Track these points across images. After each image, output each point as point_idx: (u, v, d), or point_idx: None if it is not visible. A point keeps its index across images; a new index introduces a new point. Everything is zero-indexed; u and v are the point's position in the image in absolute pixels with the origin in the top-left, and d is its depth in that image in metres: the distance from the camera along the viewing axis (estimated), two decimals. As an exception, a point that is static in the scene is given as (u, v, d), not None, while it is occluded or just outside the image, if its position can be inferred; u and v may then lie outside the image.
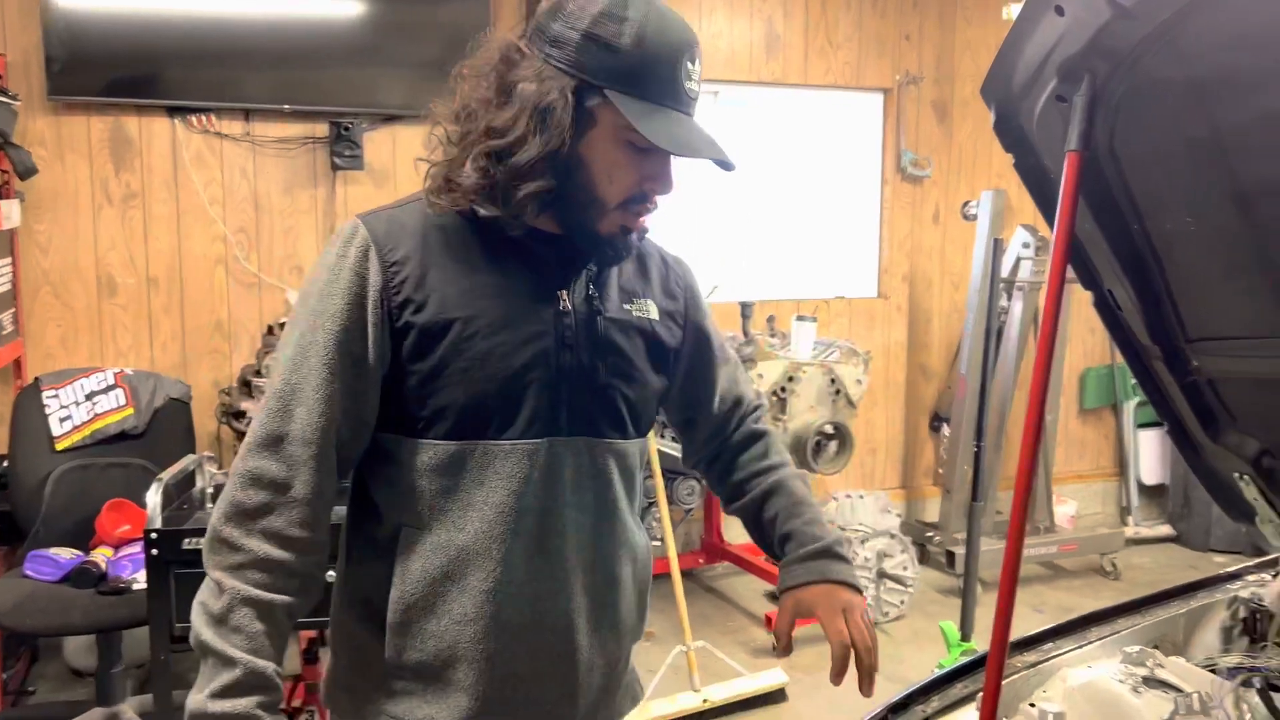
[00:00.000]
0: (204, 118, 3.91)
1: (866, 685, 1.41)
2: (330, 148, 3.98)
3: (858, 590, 1.46)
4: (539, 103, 1.17)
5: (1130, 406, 5.77)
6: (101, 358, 3.85)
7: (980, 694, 1.71)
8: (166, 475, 2.57)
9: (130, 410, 3.34)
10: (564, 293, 1.28)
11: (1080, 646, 1.87)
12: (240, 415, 3.34)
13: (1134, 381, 5.87)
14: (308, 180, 4.08)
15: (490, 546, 1.23)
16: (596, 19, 1.17)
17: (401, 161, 4.20)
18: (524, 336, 1.24)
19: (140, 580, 2.95)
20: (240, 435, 3.37)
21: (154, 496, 2.47)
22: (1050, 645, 1.88)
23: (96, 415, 3.30)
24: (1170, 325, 1.71)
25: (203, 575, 2.48)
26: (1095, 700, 1.66)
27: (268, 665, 1.14)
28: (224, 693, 1.11)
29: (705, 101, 4.74)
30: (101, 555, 2.97)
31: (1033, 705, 1.67)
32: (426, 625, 1.24)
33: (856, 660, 1.43)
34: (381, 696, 1.26)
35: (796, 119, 5.02)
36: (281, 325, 3.64)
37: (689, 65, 1.22)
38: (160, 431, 3.34)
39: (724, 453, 1.56)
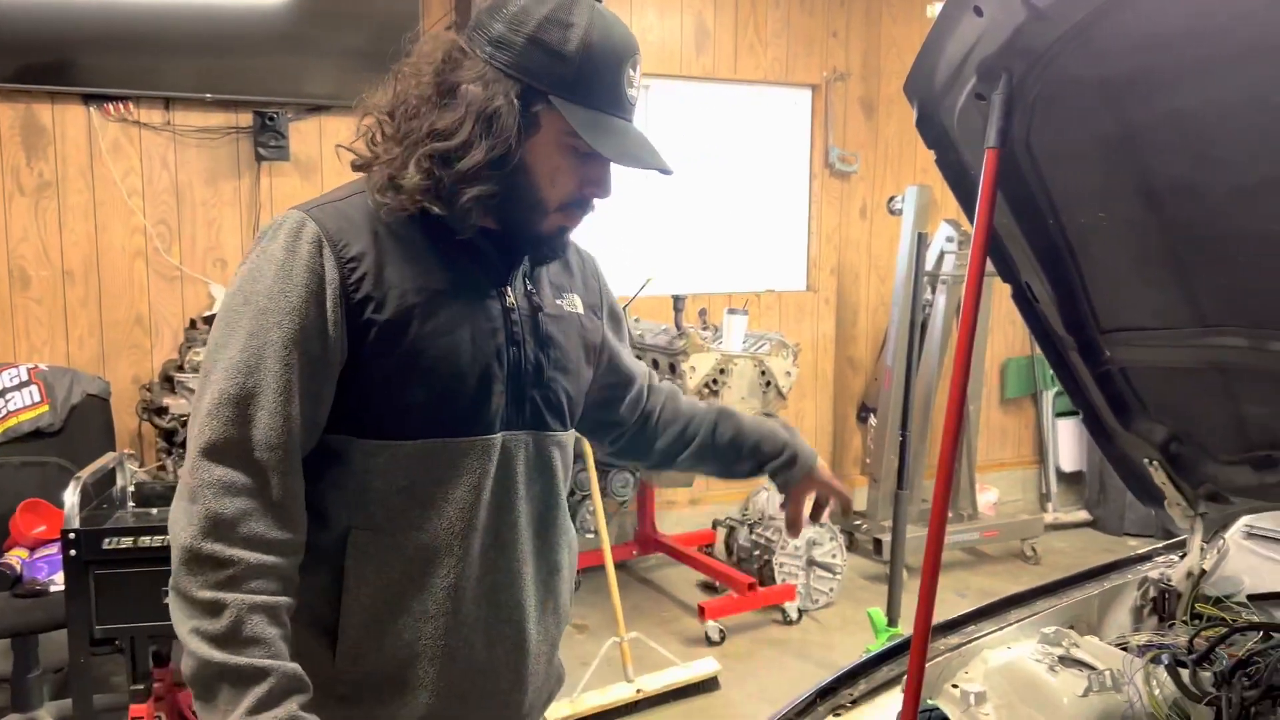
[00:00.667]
0: (121, 105, 3.80)
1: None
2: (255, 138, 3.89)
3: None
4: (484, 108, 1.16)
5: (1049, 396, 5.95)
6: (14, 353, 3.72)
7: (905, 676, 1.77)
8: (85, 474, 2.50)
9: (45, 407, 3.23)
10: (507, 289, 1.29)
11: (1000, 629, 1.93)
12: (162, 411, 3.26)
13: (1052, 372, 6.05)
14: (231, 171, 3.99)
15: (452, 543, 1.23)
16: (542, 24, 1.17)
17: (328, 153, 4.13)
18: (480, 333, 1.24)
19: (58, 582, 2.87)
20: (163, 432, 3.29)
21: (72, 496, 2.40)
22: (972, 628, 1.93)
23: (9, 413, 3.20)
24: (1084, 317, 1.78)
25: (125, 575, 2.41)
26: (1014, 679, 1.72)
27: (296, 666, 1.09)
28: (259, 707, 1.04)
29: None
30: (16, 557, 2.88)
31: (955, 686, 1.72)
32: (386, 626, 1.22)
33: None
34: (331, 703, 1.21)
35: (727, 114, 5.06)
36: (206, 319, 3.56)
37: (631, 72, 1.23)
38: (77, 429, 3.24)
39: (646, 425, 1.61)
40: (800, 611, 4.16)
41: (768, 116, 5.15)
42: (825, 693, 1.79)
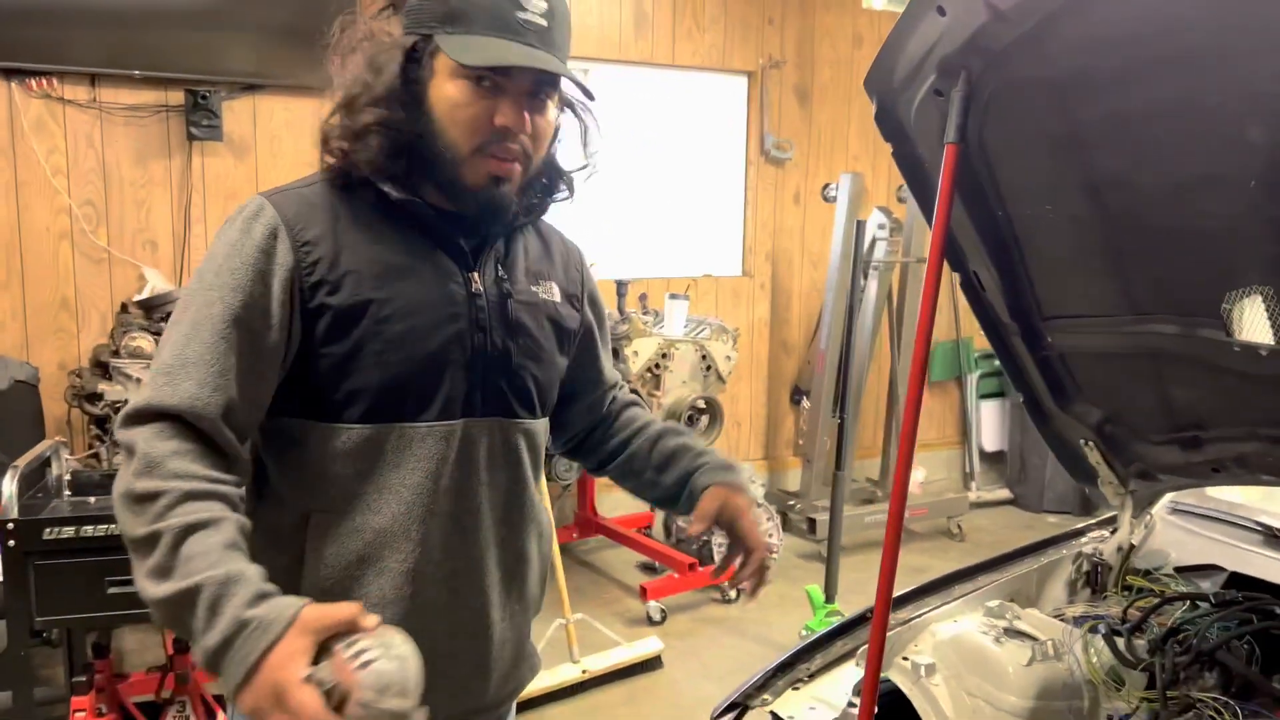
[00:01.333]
0: (45, 81, 3.66)
1: (755, 593, 1.51)
2: (186, 117, 3.79)
3: None
4: (373, 55, 1.22)
5: (973, 379, 6.14)
6: (-68, 338, 3.59)
7: (861, 649, 1.84)
8: (21, 463, 2.43)
9: (-31, 394, 3.13)
10: (475, 275, 1.29)
11: (946, 603, 2.01)
12: (95, 398, 3.18)
13: (976, 355, 6.25)
14: (161, 150, 3.88)
15: (409, 527, 1.23)
16: None
17: (263, 132, 4.05)
18: (439, 318, 1.25)
19: (-11, 573, 2.80)
20: (95, 419, 3.21)
21: (9, 485, 2.34)
22: (919, 603, 2.02)
23: (-69, 400, 3.08)
24: (1028, 304, 1.86)
25: (65, 565, 2.36)
26: (962, 651, 1.80)
27: (233, 568, 1.03)
28: (205, 627, 1.00)
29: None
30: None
31: (906, 659, 1.79)
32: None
33: (759, 569, 1.51)
34: None
35: (665, 99, 5.09)
36: (139, 304, 3.47)
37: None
38: (6, 417, 3.14)
39: (600, 425, 1.60)
40: (738, 590, 4.24)
41: (705, 103, 5.20)
42: (783, 667, 1.86)
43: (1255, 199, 1.40)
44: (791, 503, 5.11)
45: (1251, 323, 1.58)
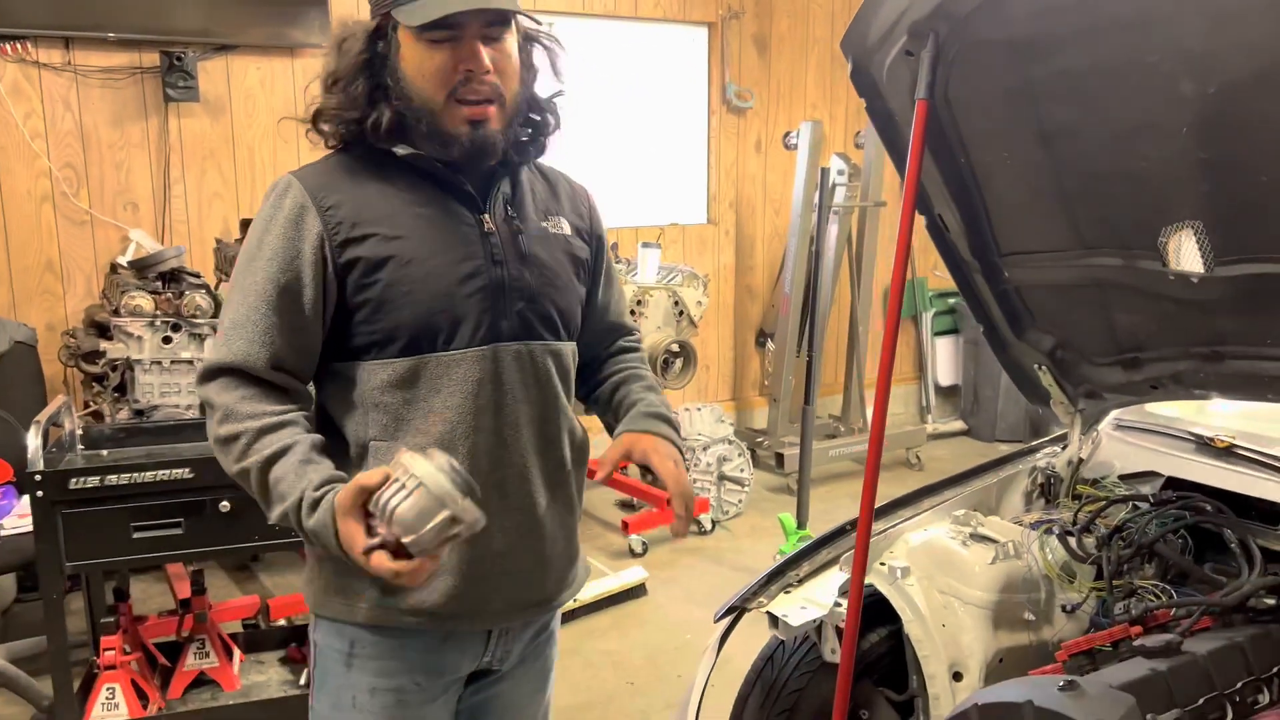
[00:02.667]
0: (18, 45, 3.69)
1: (683, 526, 1.51)
2: (163, 78, 3.84)
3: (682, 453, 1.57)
4: (340, 38, 1.42)
5: (928, 317, 6.38)
6: (-82, 303, 3.64)
7: (844, 555, 2.05)
8: (43, 418, 2.55)
9: (-31, 356, 3.21)
10: (485, 216, 1.44)
11: (916, 514, 2.23)
12: (92, 356, 3.27)
13: (931, 294, 6.49)
14: (138, 112, 3.93)
15: (456, 443, 1.39)
16: None
17: (237, 92, 4.10)
18: (457, 257, 1.41)
19: (5, 526, 2.91)
20: (92, 377, 3.31)
21: (34, 440, 2.46)
22: (892, 516, 2.22)
23: (-69, 363, 3.16)
24: (987, 243, 2.05)
25: (92, 513, 2.53)
26: (933, 555, 2.01)
27: (297, 492, 1.27)
28: (304, 536, 1.28)
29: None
30: (-42, 505, 2.90)
31: (883, 564, 2.00)
32: None
33: (682, 506, 1.52)
34: (374, 591, 1.39)
35: (628, 52, 5.19)
36: (131, 264, 3.55)
37: None
38: (7, 377, 3.22)
39: (595, 359, 1.70)
40: (713, 522, 4.47)
41: (667, 54, 5.31)
42: (775, 575, 2.06)
43: (1186, 144, 1.59)
44: (760, 440, 5.33)
45: (1184, 253, 1.79)
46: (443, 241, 1.40)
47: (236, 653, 3.01)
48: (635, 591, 3.78)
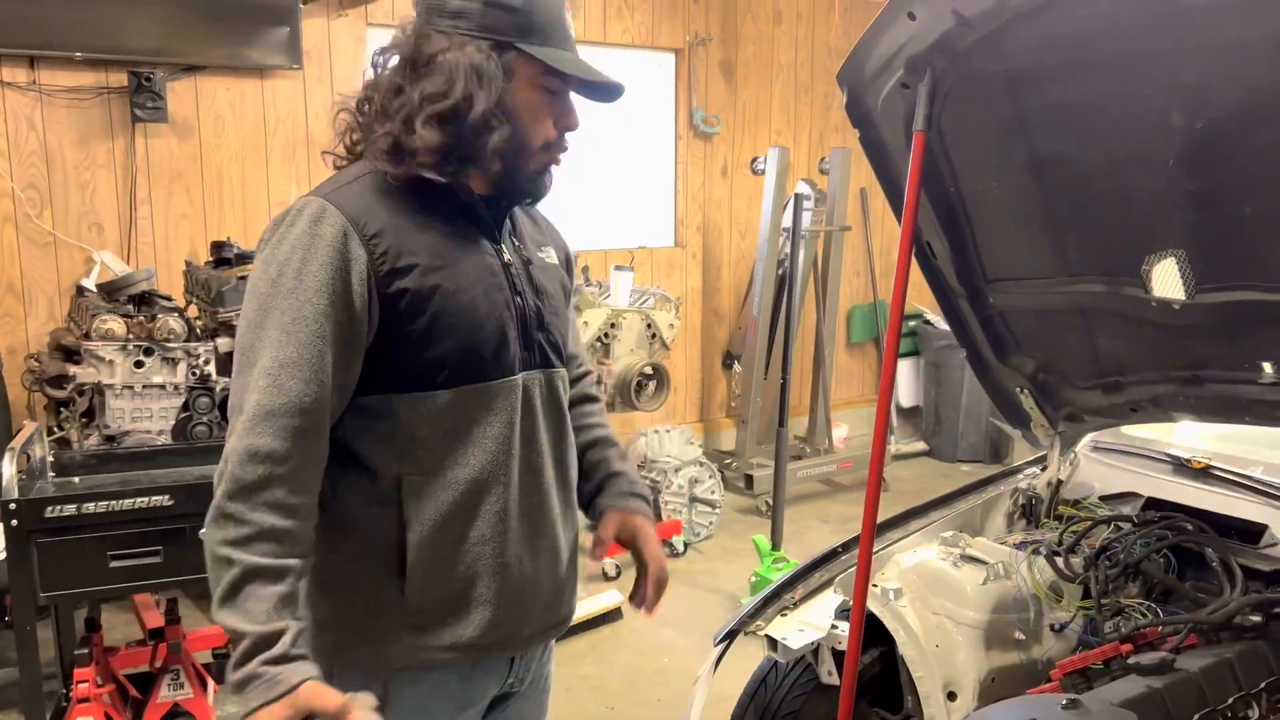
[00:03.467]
0: (-19, 64, 3.62)
1: (654, 606, 1.66)
2: (130, 98, 3.79)
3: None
4: (470, 63, 1.30)
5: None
6: (-127, 326, 3.53)
7: (838, 577, 2.07)
8: (16, 444, 2.49)
9: (-72, 381, 3.11)
10: (502, 247, 1.44)
11: (905, 536, 2.26)
12: (58, 381, 3.20)
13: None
14: (104, 132, 3.87)
15: (496, 473, 1.38)
16: None
17: (205, 113, 4.06)
18: (489, 287, 1.39)
19: (-29, 556, 2.83)
20: (58, 403, 3.24)
21: (9, 466, 2.39)
22: (881, 538, 2.25)
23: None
24: (974, 269, 2.10)
25: (68, 541, 2.46)
26: (925, 576, 2.04)
27: (276, 624, 1.19)
28: (238, 664, 1.18)
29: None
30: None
31: (875, 585, 2.03)
32: (448, 555, 1.36)
33: (657, 583, 1.65)
34: (404, 633, 1.36)
35: (596, 76, 5.22)
36: (101, 286, 3.48)
37: (568, 13, 1.40)
38: (-29, 401, 3.14)
39: None
40: (685, 544, 4.48)
41: (635, 79, 5.35)
42: (770, 599, 2.08)
43: (1174, 175, 1.65)
44: (728, 461, 5.36)
45: (1167, 281, 1.85)
46: (476, 271, 1.39)
47: (210, 683, 2.95)
48: (611, 615, 3.77)
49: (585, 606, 3.69)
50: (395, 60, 1.36)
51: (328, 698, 1.16)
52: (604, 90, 1.40)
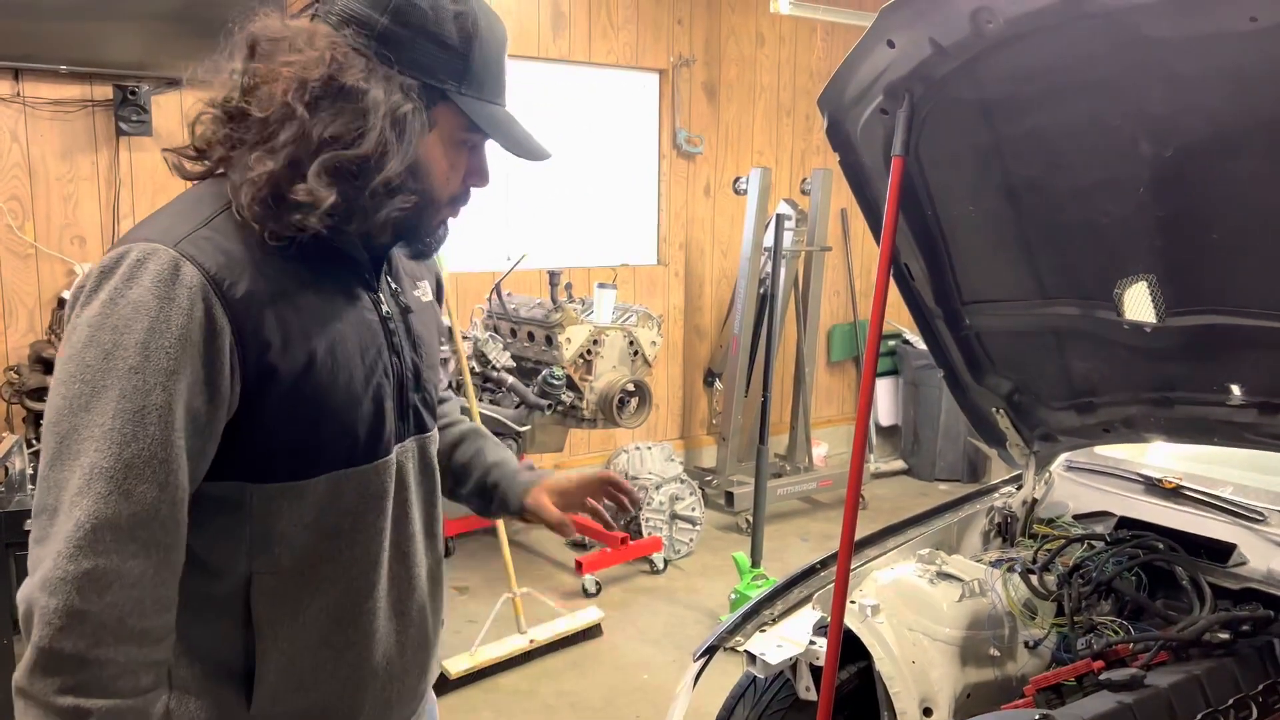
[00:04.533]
0: (-35, 76, 3.62)
1: (634, 504, 1.53)
2: (115, 112, 3.79)
3: None
4: (394, 110, 1.07)
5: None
6: None
7: (816, 594, 2.10)
8: (-3, 456, 2.48)
9: (-94, 392, 3.10)
10: (381, 295, 1.22)
11: (883, 554, 2.29)
12: (38, 393, 3.19)
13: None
14: (88, 145, 3.87)
15: (366, 569, 1.19)
16: (430, 16, 1.09)
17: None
18: (370, 357, 1.18)
19: (-52, 569, 2.81)
20: (39, 416, 3.23)
21: (-12, 479, 2.39)
22: (859, 555, 2.28)
23: None
24: (950, 291, 2.14)
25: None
26: (902, 592, 2.07)
27: None
28: None
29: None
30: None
31: (853, 602, 2.05)
32: (306, 665, 1.17)
33: (619, 487, 1.51)
34: None
35: (582, 96, 5.27)
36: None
37: (506, 59, 1.19)
38: (-51, 414, 3.12)
39: None
40: (665, 561, 4.49)
41: (619, 99, 5.40)
42: (750, 614, 2.10)
43: (1144, 201, 1.70)
44: (709, 478, 5.38)
45: (1138, 304, 1.89)
46: (356, 338, 1.16)
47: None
48: (591, 632, 3.78)
49: (564, 623, 3.71)
50: (295, 77, 1.06)
51: None
52: (532, 156, 1.19)
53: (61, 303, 3.63)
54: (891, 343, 6.36)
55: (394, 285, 1.26)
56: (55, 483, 0.99)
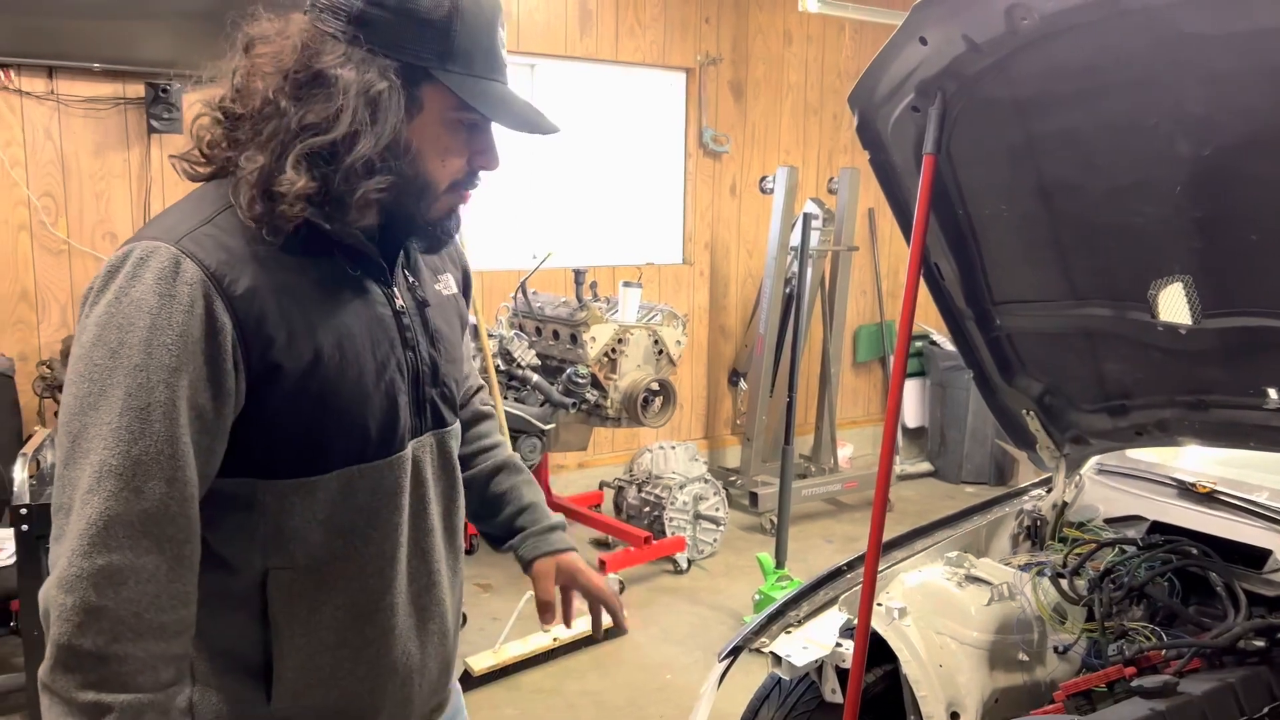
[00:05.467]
0: (1, 73, 3.66)
1: (623, 621, 1.55)
2: (147, 109, 3.83)
3: None
4: (365, 90, 1.06)
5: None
6: (-113, 331, 3.57)
7: (843, 596, 2.08)
8: (30, 450, 2.51)
9: (-58, 386, 3.15)
10: (395, 290, 1.21)
11: (910, 556, 2.27)
12: (70, 388, 3.22)
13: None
14: (119, 142, 3.91)
15: (382, 565, 1.19)
16: None
17: (220, 125, 4.10)
18: (382, 352, 1.17)
19: (-18, 561, 2.85)
20: (70, 409, 3.26)
21: (20, 472, 2.42)
22: (886, 558, 2.26)
23: (-98, 392, 3.09)
24: (981, 291, 2.12)
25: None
26: (929, 596, 2.05)
27: None
28: None
29: (523, 74, 4.88)
30: (-70, 538, 2.83)
31: (880, 604, 2.04)
32: (325, 661, 1.17)
33: (609, 608, 1.52)
34: None
35: (609, 94, 5.27)
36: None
37: (501, 32, 1.15)
38: (-17, 407, 3.17)
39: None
40: (689, 561, 4.48)
41: (646, 97, 5.40)
42: (776, 615, 2.09)
43: (1180, 202, 1.67)
44: (733, 478, 5.36)
45: (1173, 306, 1.86)
46: (368, 333, 1.16)
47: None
48: (613, 631, 3.77)
49: (587, 622, 3.69)
50: (273, 68, 1.08)
51: None
52: (536, 130, 1.17)
53: (93, 298, 3.67)
54: (918, 343, 6.32)
55: (410, 279, 1.25)
56: (69, 481, 1.01)
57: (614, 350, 4.06)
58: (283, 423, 1.10)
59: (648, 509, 4.58)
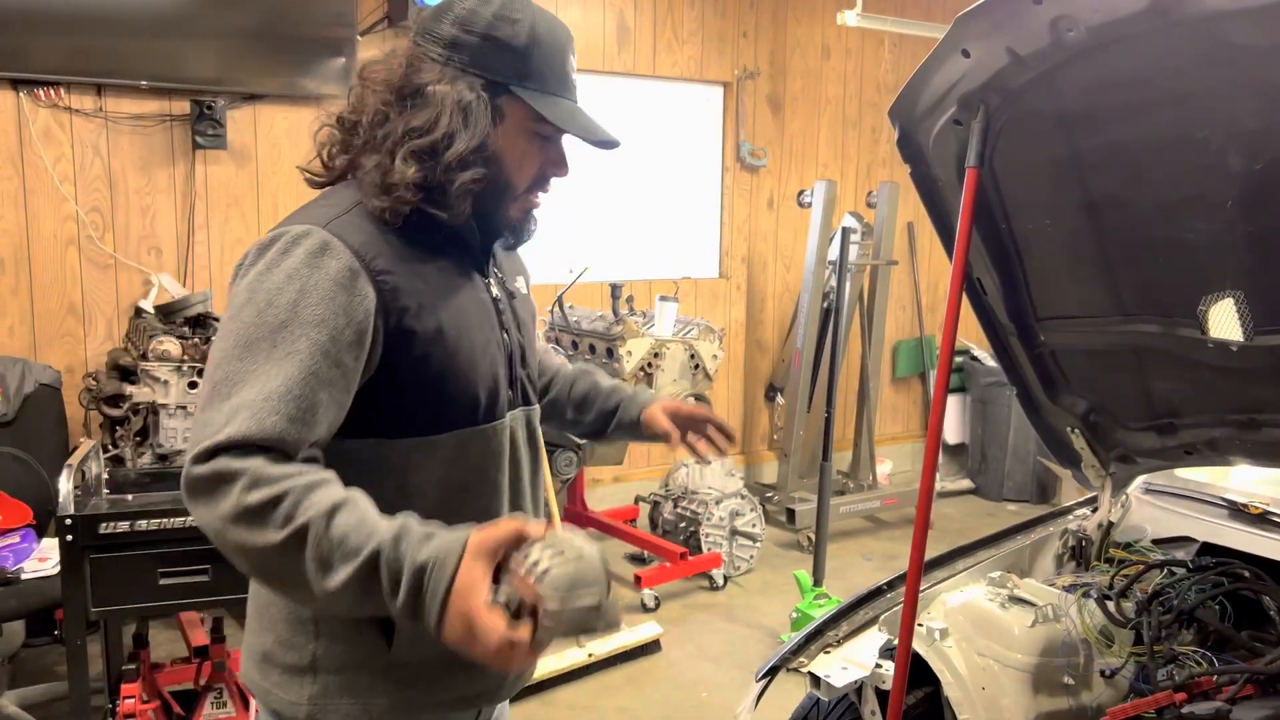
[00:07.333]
0: (52, 91, 3.74)
1: (731, 431, 1.81)
2: (192, 126, 3.89)
3: None
4: (458, 100, 1.25)
5: (935, 375, 6.40)
6: (-61, 343, 3.64)
7: (883, 616, 2.05)
8: (75, 461, 2.55)
9: (-6, 398, 3.21)
10: (490, 281, 1.41)
11: (952, 575, 2.23)
12: (114, 400, 3.27)
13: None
14: (165, 159, 3.97)
15: (488, 521, 1.23)
16: (491, 22, 1.28)
17: (263, 141, 4.15)
18: (484, 326, 1.35)
19: (27, 569, 2.90)
20: (116, 421, 3.31)
21: (66, 484, 2.45)
22: (927, 577, 2.22)
23: (-45, 404, 3.16)
24: (1025, 307, 2.08)
25: (120, 558, 2.42)
26: (972, 616, 2.01)
27: (389, 527, 1.07)
28: (393, 588, 1.04)
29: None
30: (-22, 548, 2.88)
31: (921, 625, 2.00)
32: None
33: (716, 424, 1.76)
34: (389, 686, 1.29)
35: (646, 109, 5.28)
36: (159, 308, 3.56)
37: (571, 58, 1.35)
38: (31, 419, 3.22)
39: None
40: (725, 578, 4.45)
41: (684, 112, 5.40)
42: (814, 635, 2.06)
43: (1232, 217, 1.63)
44: (770, 495, 5.32)
45: (1224, 322, 1.82)
46: (475, 311, 1.35)
47: (253, 703, 2.97)
48: (649, 647, 3.75)
49: (622, 637, 3.68)
50: (383, 84, 1.29)
51: (501, 530, 1.05)
52: (600, 142, 1.35)
53: (138, 311, 3.73)
54: (959, 359, 6.25)
55: (499, 273, 1.44)
56: (205, 422, 1.12)
57: (650, 365, 4.05)
58: (408, 387, 1.26)
59: (683, 524, 4.56)
